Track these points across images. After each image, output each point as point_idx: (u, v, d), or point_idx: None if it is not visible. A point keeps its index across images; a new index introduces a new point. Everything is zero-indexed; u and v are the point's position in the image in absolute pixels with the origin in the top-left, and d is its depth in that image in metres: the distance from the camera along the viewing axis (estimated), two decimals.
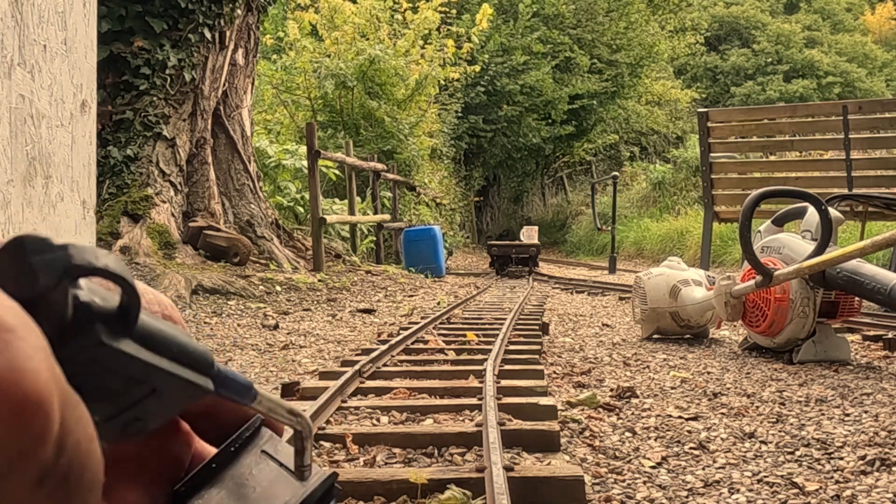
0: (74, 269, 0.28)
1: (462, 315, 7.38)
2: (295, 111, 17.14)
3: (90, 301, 0.29)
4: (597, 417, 3.63)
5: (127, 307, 0.30)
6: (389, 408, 3.49)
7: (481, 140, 25.25)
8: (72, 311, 0.29)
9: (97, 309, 0.29)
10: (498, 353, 4.65)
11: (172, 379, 0.32)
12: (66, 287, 0.28)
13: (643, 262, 17.69)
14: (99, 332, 0.29)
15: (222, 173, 9.83)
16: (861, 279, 4.79)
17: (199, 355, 0.33)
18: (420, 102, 17.93)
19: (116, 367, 0.30)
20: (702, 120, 11.83)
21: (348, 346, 5.57)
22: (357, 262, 11.82)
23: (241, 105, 10.11)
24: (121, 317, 0.30)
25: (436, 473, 2.52)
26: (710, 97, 36.52)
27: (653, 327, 6.22)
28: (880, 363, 5.08)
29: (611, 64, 27.19)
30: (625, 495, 2.63)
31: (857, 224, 9.04)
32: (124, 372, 0.30)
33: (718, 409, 3.81)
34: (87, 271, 0.28)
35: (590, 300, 9.92)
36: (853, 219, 8.88)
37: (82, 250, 0.28)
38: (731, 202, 11.62)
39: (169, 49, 8.52)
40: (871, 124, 11.36)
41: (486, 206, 32.57)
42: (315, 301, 8.09)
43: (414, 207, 17.23)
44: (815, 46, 39.00)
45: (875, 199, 8.82)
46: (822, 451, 3.09)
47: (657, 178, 23.81)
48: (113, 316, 0.30)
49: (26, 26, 4.33)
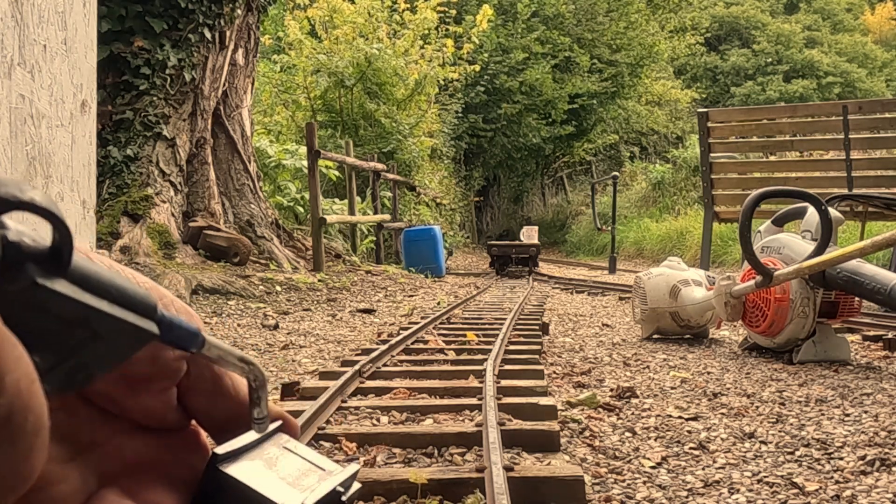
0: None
1: (462, 315, 7.38)
2: (295, 111, 17.14)
3: (19, 240, 0.28)
4: (597, 417, 3.63)
5: (59, 246, 0.29)
6: (389, 408, 3.49)
7: (481, 140, 25.25)
8: (0, 251, 0.27)
9: (27, 248, 0.28)
10: (498, 353, 4.65)
11: (114, 322, 0.30)
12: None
13: (643, 263, 17.69)
14: (31, 271, 0.28)
15: (222, 173, 9.83)
16: (861, 279, 4.79)
17: (141, 298, 0.32)
18: (420, 102, 17.94)
19: (52, 309, 0.29)
20: (702, 120, 11.83)
21: (348, 346, 5.57)
22: (357, 262, 11.82)
23: (241, 105, 10.11)
24: (53, 256, 0.28)
25: (436, 473, 2.52)
26: (710, 97, 36.53)
27: (653, 327, 6.22)
28: (880, 363, 5.08)
29: (611, 64, 27.19)
30: (625, 495, 2.63)
31: (857, 224, 9.04)
32: (61, 314, 0.29)
33: (718, 410, 3.81)
34: (12, 205, 0.27)
35: (590, 300, 9.92)
36: (853, 219, 8.88)
37: (5, 183, 0.27)
38: (731, 202, 11.62)
39: (169, 49, 8.52)
40: (872, 124, 11.36)
41: (486, 206, 32.57)
42: (315, 301, 8.09)
43: (414, 207, 17.23)
44: (815, 46, 39.01)
45: (875, 199, 8.83)
46: (822, 452, 3.09)
47: (656, 178, 23.81)
48: (45, 255, 0.28)
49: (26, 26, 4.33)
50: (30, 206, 0.28)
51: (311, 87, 16.68)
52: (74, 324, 0.30)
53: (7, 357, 0.26)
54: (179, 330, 0.34)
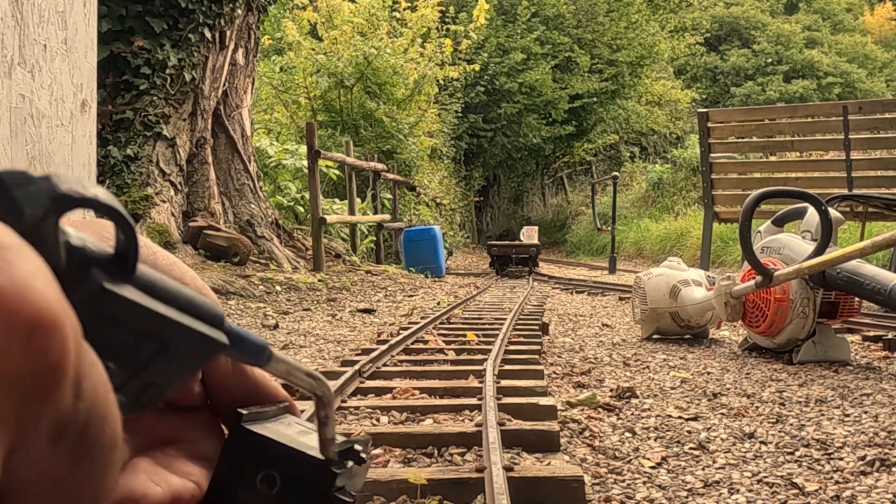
0: (62, 200, 0.25)
1: (462, 315, 7.38)
2: (295, 111, 17.15)
3: (83, 245, 0.26)
4: (597, 417, 3.63)
5: (125, 249, 0.27)
6: (389, 408, 3.49)
7: (481, 140, 25.25)
8: (65, 256, 0.26)
9: (92, 253, 0.27)
10: (498, 353, 4.65)
11: (184, 331, 0.29)
12: (56, 222, 0.26)
13: (643, 263, 17.69)
14: (98, 276, 0.26)
15: (222, 173, 9.83)
16: (861, 280, 4.79)
17: (208, 308, 0.30)
18: (419, 102, 17.94)
19: (120, 316, 0.27)
20: (702, 120, 11.83)
21: (348, 345, 5.57)
22: (357, 262, 11.82)
23: (241, 105, 10.11)
24: (119, 260, 0.27)
25: (435, 473, 2.52)
26: (710, 97, 36.53)
27: (653, 327, 6.22)
28: (880, 364, 5.08)
29: (611, 64, 27.19)
30: (624, 495, 2.63)
31: (857, 224, 9.04)
32: (130, 322, 0.27)
33: (718, 410, 3.81)
34: (76, 202, 0.26)
35: (590, 300, 9.92)
36: (853, 219, 8.88)
37: (67, 179, 0.26)
38: (731, 202, 11.62)
39: (169, 49, 8.52)
40: (872, 125, 11.36)
41: (486, 206, 32.57)
42: (315, 301, 8.09)
43: (414, 207, 17.23)
44: (815, 47, 39.01)
45: (875, 199, 8.82)
46: (822, 452, 3.09)
47: (655, 178, 23.81)
48: (110, 260, 0.27)
49: (26, 26, 4.33)
50: (93, 202, 0.26)
51: (311, 87, 16.69)
52: (144, 334, 0.28)
53: (84, 361, 0.24)
54: (248, 343, 0.32)
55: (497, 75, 24.03)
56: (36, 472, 0.24)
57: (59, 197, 0.25)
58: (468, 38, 19.49)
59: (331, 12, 17.27)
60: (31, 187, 0.25)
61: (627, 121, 30.89)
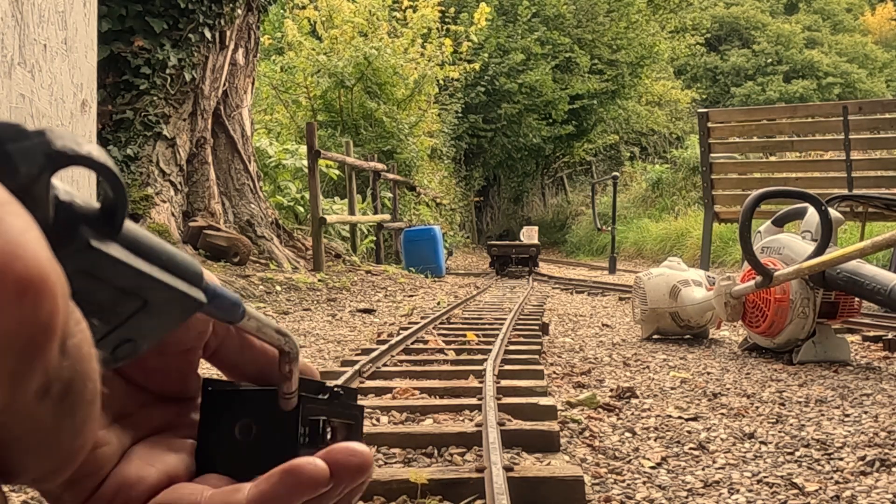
0: (56, 157, 0.25)
1: (462, 315, 7.38)
2: (295, 111, 17.14)
3: (70, 200, 0.26)
4: (597, 418, 3.63)
5: (113, 206, 0.27)
6: (389, 408, 3.49)
7: (481, 140, 25.25)
8: (53, 212, 0.25)
9: (80, 209, 0.26)
10: (498, 353, 4.65)
11: (165, 290, 0.29)
12: (48, 180, 0.25)
13: (643, 263, 17.69)
14: (85, 234, 0.26)
15: (222, 173, 9.83)
16: (861, 280, 4.79)
17: (188, 265, 0.30)
18: (420, 102, 17.94)
19: (104, 274, 0.27)
20: (702, 120, 11.83)
21: (348, 345, 5.56)
22: (357, 262, 11.82)
23: (242, 105, 10.11)
24: (106, 217, 0.27)
25: (435, 473, 2.52)
26: (710, 97, 36.52)
27: (653, 328, 6.22)
28: (880, 364, 5.08)
29: (611, 64, 27.19)
30: (624, 495, 2.63)
31: (858, 225, 9.04)
32: (113, 280, 0.27)
33: (718, 410, 3.81)
34: (70, 159, 0.25)
35: (590, 300, 9.92)
36: (853, 219, 8.88)
37: (62, 135, 0.25)
38: (731, 202, 11.62)
39: (169, 49, 8.52)
40: (872, 125, 11.36)
41: (486, 206, 32.56)
42: (315, 301, 8.09)
43: (414, 207, 17.23)
44: (815, 47, 39.00)
45: (875, 199, 8.82)
46: (822, 452, 3.09)
47: (654, 178, 23.81)
48: (97, 217, 0.26)
49: (26, 26, 4.33)
50: (87, 160, 0.26)
51: (311, 87, 16.69)
52: (126, 291, 0.28)
53: (70, 319, 0.24)
54: (223, 299, 0.32)
55: (497, 76, 24.04)
56: (22, 428, 0.24)
57: (54, 154, 0.25)
58: (469, 41, 19.50)
59: (331, 12, 17.27)
60: (25, 143, 0.25)
61: (627, 121, 30.89)
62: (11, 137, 0.25)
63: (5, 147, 0.25)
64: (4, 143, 0.25)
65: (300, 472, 0.33)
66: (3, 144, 0.25)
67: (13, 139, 0.25)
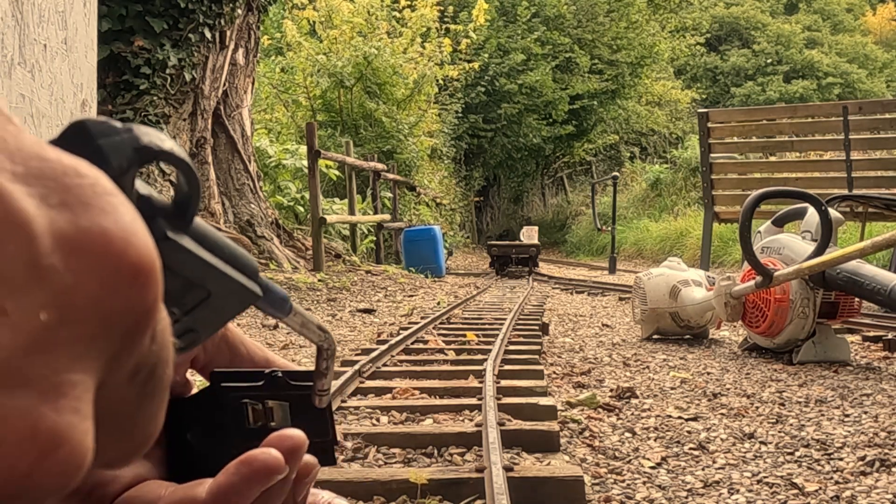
0: (143, 151, 0.27)
1: (462, 315, 7.38)
2: (295, 111, 17.14)
3: (150, 194, 0.28)
4: (596, 418, 3.63)
5: (187, 200, 0.28)
6: (389, 408, 3.49)
7: (481, 140, 25.25)
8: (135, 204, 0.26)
9: (158, 202, 0.28)
10: (498, 353, 4.65)
11: (227, 282, 0.30)
12: (135, 173, 0.27)
13: (643, 263, 17.69)
14: (162, 226, 0.28)
15: (222, 173, 9.83)
16: (861, 280, 4.79)
17: (247, 260, 0.31)
18: (419, 102, 17.94)
19: (177, 264, 0.28)
20: (702, 120, 11.83)
21: (348, 345, 5.56)
22: (357, 262, 11.82)
23: (241, 105, 10.11)
24: (180, 210, 0.28)
25: (435, 473, 2.52)
26: (710, 98, 36.51)
27: (653, 328, 6.22)
28: (880, 364, 5.08)
29: (611, 64, 27.19)
30: (624, 495, 2.63)
31: (857, 225, 9.03)
32: (184, 270, 0.29)
33: (718, 410, 3.81)
34: (155, 154, 0.27)
35: (590, 300, 9.92)
36: (853, 219, 8.88)
37: (147, 132, 0.27)
38: (731, 203, 11.61)
39: (169, 49, 8.52)
40: (872, 125, 11.36)
41: (486, 206, 32.56)
42: (315, 301, 8.09)
43: (414, 207, 17.22)
44: (815, 47, 39.00)
45: (875, 199, 8.82)
46: (822, 452, 3.09)
47: (654, 178, 23.80)
48: (172, 210, 0.28)
49: (27, 25, 4.33)
50: (169, 155, 0.27)
51: (311, 87, 16.69)
52: (193, 282, 0.29)
53: (160, 306, 0.25)
54: (274, 294, 0.33)
55: (497, 76, 24.04)
56: (110, 409, 0.25)
57: (141, 148, 0.27)
58: (468, 38, 19.49)
59: (330, 12, 17.27)
60: (115, 138, 0.26)
61: (627, 121, 30.88)
62: (103, 132, 0.26)
63: (98, 142, 0.26)
64: (97, 138, 0.26)
65: (253, 461, 0.34)
66: (96, 139, 0.26)
67: (105, 134, 0.26)
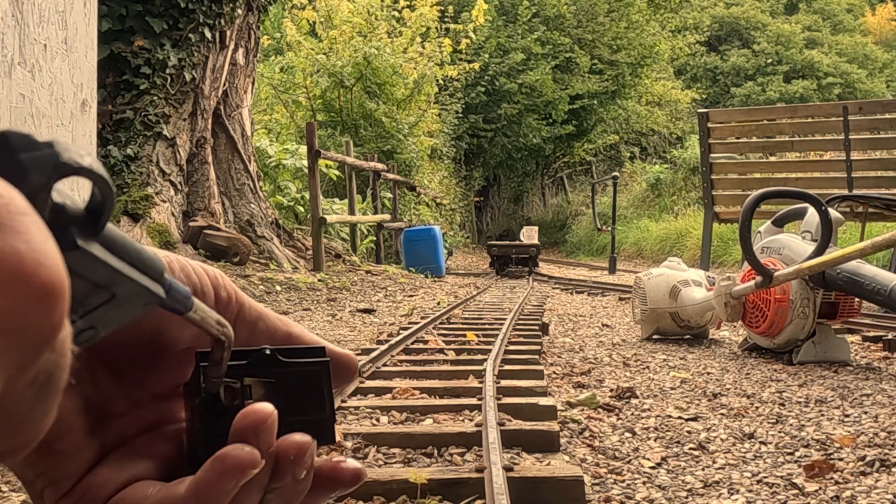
0: (62, 167, 0.27)
1: (462, 315, 7.38)
2: (295, 111, 17.14)
3: (64, 203, 0.28)
4: (596, 418, 3.63)
5: (99, 209, 0.29)
6: (389, 408, 3.49)
7: (481, 140, 25.25)
8: (48, 213, 0.28)
9: (70, 211, 0.28)
10: (498, 353, 4.65)
11: (133, 286, 0.31)
12: (52, 187, 0.27)
13: (643, 263, 17.69)
14: (73, 234, 0.28)
15: (222, 173, 9.83)
16: (861, 280, 4.79)
17: (153, 262, 0.32)
18: (419, 102, 17.93)
19: (84, 270, 0.29)
20: (702, 120, 11.83)
21: (348, 345, 5.56)
22: (357, 262, 11.82)
23: (242, 105, 10.11)
24: (92, 218, 0.29)
25: (435, 473, 2.52)
26: (710, 98, 36.50)
27: (653, 328, 6.22)
28: (880, 364, 5.08)
29: (611, 64, 27.19)
30: (624, 496, 2.63)
31: (857, 225, 9.03)
32: (90, 276, 0.29)
33: (718, 410, 3.81)
34: (74, 170, 0.27)
35: (590, 300, 9.92)
36: (853, 220, 8.87)
37: (67, 148, 0.27)
38: (731, 203, 11.61)
39: (169, 48, 8.52)
40: (872, 125, 11.36)
41: (486, 207, 32.55)
42: (315, 301, 8.09)
43: (414, 207, 17.22)
44: (815, 47, 38.99)
45: (875, 199, 8.82)
46: (822, 452, 3.09)
47: (654, 179, 23.80)
48: (84, 218, 0.29)
49: (27, 25, 4.33)
50: (87, 171, 0.28)
51: (311, 87, 16.68)
52: (98, 286, 0.30)
53: (64, 315, 0.26)
54: (176, 293, 0.34)
55: (497, 76, 24.04)
56: (4, 410, 0.26)
57: (61, 164, 0.27)
58: (468, 38, 19.49)
59: (330, 12, 17.27)
60: (37, 153, 0.27)
61: (627, 121, 30.87)
62: (25, 147, 0.27)
63: (19, 156, 0.27)
64: (18, 152, 0.27)
65: (226, 458, 0.34)
66: (17, 153, 0.27)
67: (26, 149, 0.27)
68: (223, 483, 0.34)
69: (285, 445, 0.37)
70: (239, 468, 0.34)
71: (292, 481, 0.37)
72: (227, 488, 0.34)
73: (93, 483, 0.37)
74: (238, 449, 0.34)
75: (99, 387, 0.38)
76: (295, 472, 0.37)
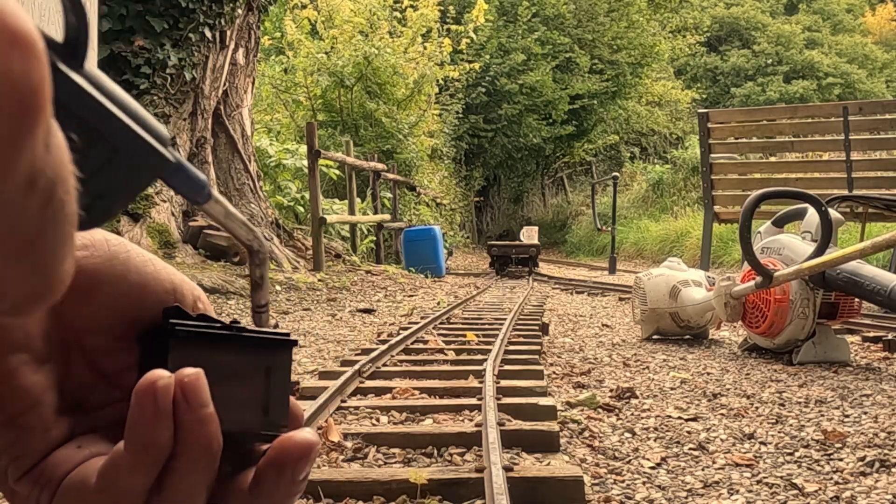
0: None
1: (462, 315, 7.38)
2: (295, 111, 17.14)
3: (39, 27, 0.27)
4: (596, 418, 3.63)
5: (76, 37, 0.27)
6: (389, 408, 3.49)
7: (482, 140, 25.24)
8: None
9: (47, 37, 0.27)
10: (498, 353, 4.65)
11: (134, 138, 0.29)
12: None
13: (643, 263, 17.69)
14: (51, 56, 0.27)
15: (222, 173, 9.83)
16: (861, 280, 4.79)
17: (156, 125, 0.30)
18: (420, 102, 17.93)
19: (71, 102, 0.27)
20: (702, 121, 11.83)
21: (348, 345, 5.56)
22: (357, 261, 11.82)
23: (242, 104, 10.11)
24: (71, 47, 0.27)
25: (435, 473, 2.52)
26: (710, 98, 36.49)
27: (653, 328, 6.22)
28: (880, 364, 5.08)
29: (611, 64, 27.18)
30: (624, 496, 2.63)
31: (857, 225, 9.03)
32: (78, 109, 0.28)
33: (718, 410, 3.82)
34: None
35: (590, 300, 9.91)
36: (853, 220, 8.87)
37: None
38: (731, 203, 11.61)
39: (169, 48, 8.52)
40: (872, 125, 11.36)
41: (487, 207, 32.54)
42: (315, 301, 8.09)
43: (414, 207, 17.22)
44: (815, 47, 38.98)
45: (875, 200, 8.82)
46: (822, 452, 3.09)
47: (654, 179, 23.79)
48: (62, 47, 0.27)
49: None
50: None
51: (312, 87, 16.69)
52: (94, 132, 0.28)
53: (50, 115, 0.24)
54: (189, 174, 0.32)
55: (498, 76, 24.04)
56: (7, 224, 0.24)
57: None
58: (468, 38, 19.49)
59: (331, 12, 17.27)
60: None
61: (628, 121, 30.86)
62: None
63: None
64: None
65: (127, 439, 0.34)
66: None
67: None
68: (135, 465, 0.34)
69: (287, 445, 0.36)
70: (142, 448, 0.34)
71: (291, 481, 0.36)
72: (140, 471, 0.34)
73: (53, 461, 0.36)
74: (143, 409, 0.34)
75: (75, 373, 0.37)
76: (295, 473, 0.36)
